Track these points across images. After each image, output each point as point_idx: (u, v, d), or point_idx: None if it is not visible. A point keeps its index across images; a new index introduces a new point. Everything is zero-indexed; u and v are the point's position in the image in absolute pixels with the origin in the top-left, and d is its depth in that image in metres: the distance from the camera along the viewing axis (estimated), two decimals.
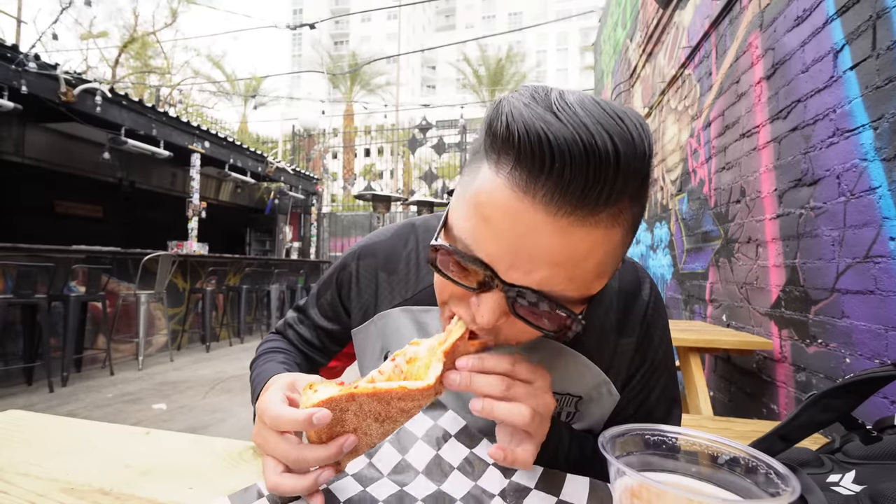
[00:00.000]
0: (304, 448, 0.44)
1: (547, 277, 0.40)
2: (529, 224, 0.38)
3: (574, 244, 0.38)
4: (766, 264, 2.32)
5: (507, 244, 0.40)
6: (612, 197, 0.37)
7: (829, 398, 0.55)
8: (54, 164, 6.91)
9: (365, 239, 0.75)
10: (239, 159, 7.92)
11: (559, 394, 0.60)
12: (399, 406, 0.44)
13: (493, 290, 0.43)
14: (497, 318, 0.43)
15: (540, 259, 0.39)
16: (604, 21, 7.68)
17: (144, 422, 3.20)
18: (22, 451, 0.57)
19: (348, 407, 0.44)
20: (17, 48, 4.54)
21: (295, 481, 0.44)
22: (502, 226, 0.39)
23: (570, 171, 0.36)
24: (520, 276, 0.41)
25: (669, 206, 3.98)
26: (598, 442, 0.38)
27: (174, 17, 15.19)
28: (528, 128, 0.37)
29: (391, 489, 0.49)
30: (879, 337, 1.54)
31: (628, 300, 0.61)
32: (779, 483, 0.34)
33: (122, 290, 5.03)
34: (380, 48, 38.16)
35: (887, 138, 1.50)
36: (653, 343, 0.62)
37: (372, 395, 0.42)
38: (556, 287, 0.41)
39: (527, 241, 0.39)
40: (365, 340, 0.71)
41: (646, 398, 0.63)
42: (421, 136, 11.23)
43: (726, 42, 2.86)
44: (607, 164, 0.36)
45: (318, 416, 0.42)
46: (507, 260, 0.40)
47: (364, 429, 0.46)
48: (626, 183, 0.37)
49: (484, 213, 0.40)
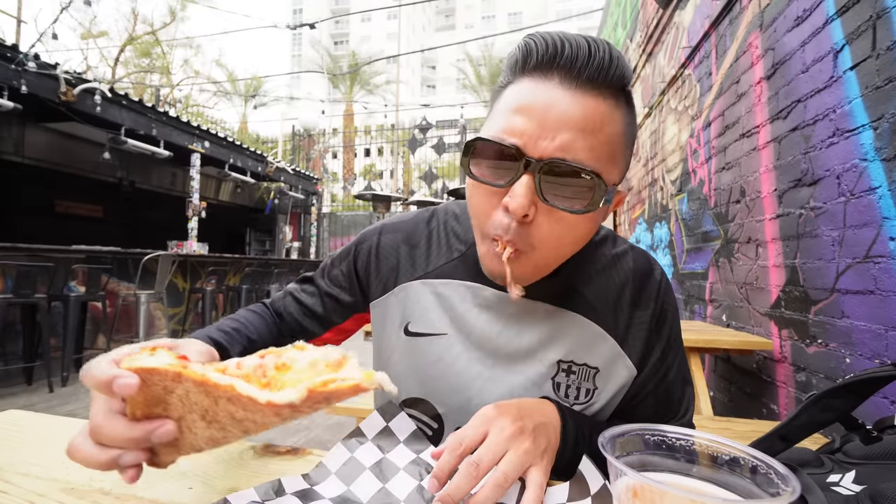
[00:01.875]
0: (109, 417, 0.37)
1: (569, 141, 0.48)
2: (551, 96, 0.48)
3: (588, 112, 0.48)
4: (765, 264, 2.32)
5: (534, 117, 0.48)
6: (609, 78, 0.48)
7: (829, 398, 0.55)
8: (54, 164, 6.91)
9: (387, 219, 0.77)
10: (239, 159, 7.92)
11: (577, 365, 0.62)
12: (228, 410, 0.34)
13: (524, 175, 0.48)
14: (529, 199, 0.48)
15: (562, 123, 0.47)
16: (604, 21, 7.68)
17: None
18: (22, 451, 0.57)
19: (174, 388, 0.35)
20: (17, 48, 4.53)
21: (91, 451, 0.37)
22: (529, 105, 0.49)
23: (578, 57, 0.48)
24: (546, 146, 0.48)
25: (669, 206, 3.98)
26: (598, 442, 0.38)
27: (174, 17, 15.19)
28: (543, 37, 0.50)
29: None
30: (879, 337, 1.54)
31: (643, 278, 0.65)
32: (779, 483, 0.34)
33: (122, 290, 5.03)
34: (380, 48, 38.17)
35: (887, 138, 1.50)
36: (667, 320, 0.65)
37: (199, 383, 0.32)
38: (579, 154, 0.48)
39: (550, 111, 0.48)
40: (384, 312, 0.70)
41: (664, 376, 0.65)
42: (421, 136, 11.24)
43: (726, 42, 2.86)
44: (605, 54, 0.48)
45: (119, 382, 0.34)
46: (534, 132, 0.48)
47: (189, 423, 0.37)
48: (618, 72, 0.49)
49: (513, 106, 0.50)
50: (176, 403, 0.36)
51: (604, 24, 7.73)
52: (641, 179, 5.06)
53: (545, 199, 0.49)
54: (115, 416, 0.38)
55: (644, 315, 0.63)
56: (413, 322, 0.67)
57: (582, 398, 0.63)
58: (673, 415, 0.66)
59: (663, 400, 0.65)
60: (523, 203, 0.48)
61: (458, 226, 0.70)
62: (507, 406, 0.51)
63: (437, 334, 0.66)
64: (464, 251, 0.68)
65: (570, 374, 0.62)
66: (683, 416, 0.66)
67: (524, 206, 0.48)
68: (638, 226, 5.24)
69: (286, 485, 0.48)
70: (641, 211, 5.07)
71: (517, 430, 0.48)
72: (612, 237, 0.69)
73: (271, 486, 0.47)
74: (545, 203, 0.49)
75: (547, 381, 0.63)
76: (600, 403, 0.63)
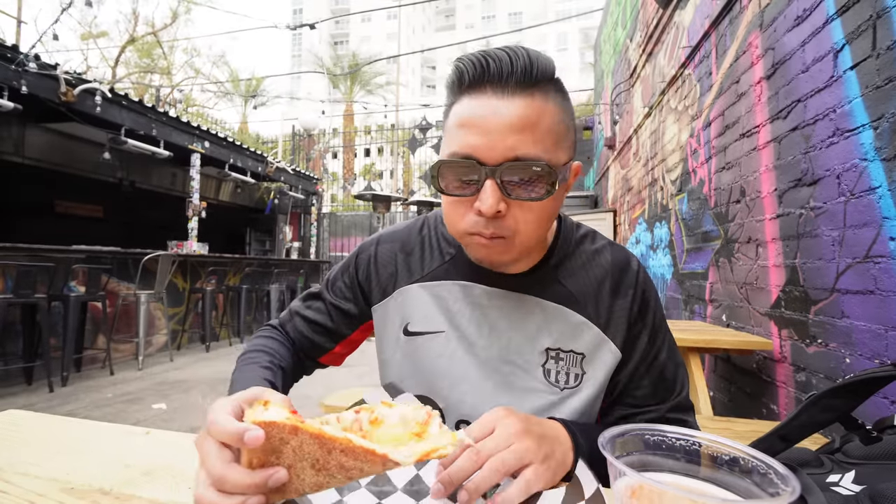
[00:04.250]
0: (230, 467, 0.41)
1: (517, 143, 0.54)
2: (488, 108, 0.55)
3: (523, 110, 0.54)
4: (766, 264, 2.32)
5: (480, 129, 0.54)
6: (533, 78, 0.55)
7: (829, 398, 0.55)
8: (54, 164, 6.90)
9: (382, 230, 0.83)
10: (239, 159, 7.91)
11: (564, 351, 0.67)
12: (339, 460, 0.39)
13: (487, 181, 0.55)
14: (497, 201, 0.54)
15: (504, 128, 0.54)
16: (604, 21, 7.68)
17: (144, 422, 3.20)
18: (22, 451, 0.57)
19: (289, 440, 0.40)
20: (17, 48, 4.53)
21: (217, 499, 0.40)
22: (472, 120, 0.55)
23: (502, 69, 0.55)
24: (496, 152, 0.54)
25: (669, 206, 3.98)
26: (598, 442, 0.39)
27: (175, 17, 15.19)
28: (469, 58, 0.57)
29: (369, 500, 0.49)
30: (879, 337, 1.54)
31: (621, 270, 0.70)
32: (779, 483, 0.34)
33: (122, 290, 5.03)
34: (380, 48, 38.15)
35: (887, 138, 1.50)
36: (650, 307, 0.70)
37: (315, 436, 0.38)
38: (529, 150, 0.54)
39: (491, 120, 0.54)
40: (385, 316, 0.75)
41: (655, 358, 0.69)
42: (421, 136, 11.23)
43: (726, 42, 2.86)
44: (524, 59, 0.55)
45: (249, 435, 0.39)
46: (484, 142, 0.54)
47: (298, 471, 0.41)
48: (539, 70, 0.55)
49: (458, 123, 0.57)
50: (288, 453, 0.41)
51: (604, 24, 7.73)
52: (641, 179, 5.06)
53: (509, 195, 0.55)
54: (233, 466, 0.41)
55: (624, 303, 0.68)
56: (412, 322, 0.73)
57: (571, 382, 0.67)
58: (669, 393, 0.69)
59: (658, 380, 0.69)
60: (492, 203, 0.54)
61: (447, 230, 0.75)
62: (517, 412, 0.54)
63: (435, 332, 0.71)
64: (454, 254, 0.74)
65: (559, 361, 0.67)
66: (680, 393, 0.69)
67: (493, 206, 0.54)
68: (638, 226, 5.24)
69: None
70: (641, 211, 5.06)
71: (522, 429, 0.50)
72: (591, 234, 0.74)
73: None
74: (510, 198, 0.56)
75: (538, 368, 0.67)
76: (590, 388, 0.67)
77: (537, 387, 0.67)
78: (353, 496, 0.49)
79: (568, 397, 0.67)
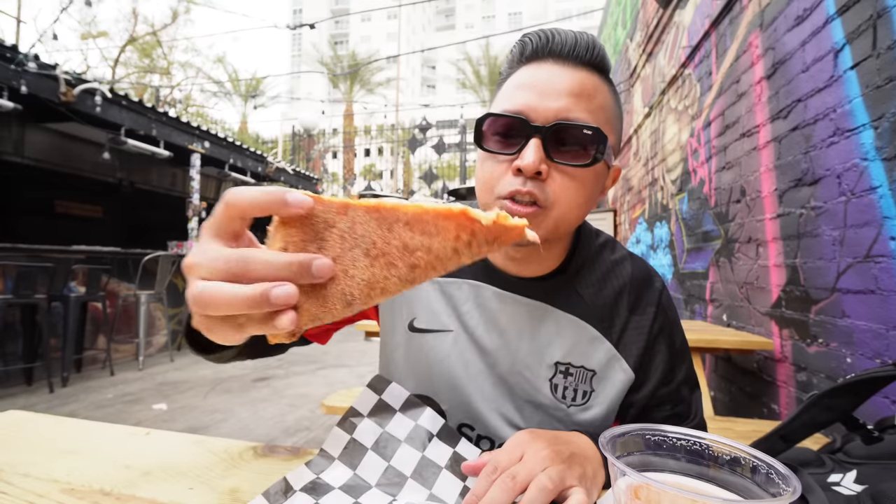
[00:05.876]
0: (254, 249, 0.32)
1: (569, 105, 0.54)
2: (548, 72, 0.56)
3: (581, 80, 0.56)
4: (766, 264, 2.32)
5: (534, 90, 0.55)
6: (594, 58, 0.57)
7: (829, 398, 0.55)
8: (54, 164, 6.91)
9: None
10: (239, 159, 7.91)
11: (575, 367, 0.64)
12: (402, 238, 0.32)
13: (532, 138, 0.54)
14: (539, 157, 0.53)
15: (560, 91, 0.55)
16: (604, 21, 7.68)
17: (145, 422, 3.20)
18: (22, 451, 0.57)
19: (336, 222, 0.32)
20: (17, 48, 4.53)
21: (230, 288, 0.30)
22: (529, 82, 0.56)
23: (566, 42, 0.56)
24: (548, 111, 0.54)
25: (669, 206, 3.98)
26: (599, 442, 0.38)
27: (175, 17, 15.20)
28: (536, 32, 0.58)
29: (382, 500, 0.47)
30: (880, 337, 1.54)
31: (641, 285, 0.67)
32: (780, 483, 0.34)
33: (122, 291, 5.03)
34: (380, 48, 38.15)
35: (888, 138, 1.50)
36: (671, 330, 0.67)
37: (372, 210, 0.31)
38: (578, 114, 0.54)
39: (549, 84, 0.55)
40: (392, 310, 0.72)
41: (674, 385, 0.66)
42: (421, 136, 11.23)
43: (726, 42, 2.86)
44: (588, 39, 0.57)
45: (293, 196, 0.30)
46: (537, 101, 0.54)
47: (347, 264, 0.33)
48: (599, 54, 0.57)
49: (516, 83, 0.57)
50: (335, 241, 0.32)
51: (604, 24, 7.72)
52: (641, 179, 5.06)
53: (552, 158, 0.54)
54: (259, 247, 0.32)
55: (643, 321, 0.65)
56: (418, 318, 0.69)
57: (579, 400, 0.64)
58: (685, 417, 0.67)
59: (677, 405, 0.67)
60: (535, 160, 0.53)
61: None
62: (543, 432, 0.52)
63: (443, 331, 0.68)
64: None
65: (568, 376, 0.64)
66: (695, 418, 0.67)
67: (536, 163, 0.53)
68: (638, 226, 5.24)
69: (292, 481, 0.47)
70: (641, 211, 5.06)
71: (553, 452, 0.47)
72: (611, 243, 0.71)
73: (280, 486, 0.46)
74: (553, 161, 0.54)
75: (545, 382, 0.64)
76: (599, 407, 0.64)
77: (542, 401, 0.64)
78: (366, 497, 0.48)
79: (574, 414, 0.64)
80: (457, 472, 0.51)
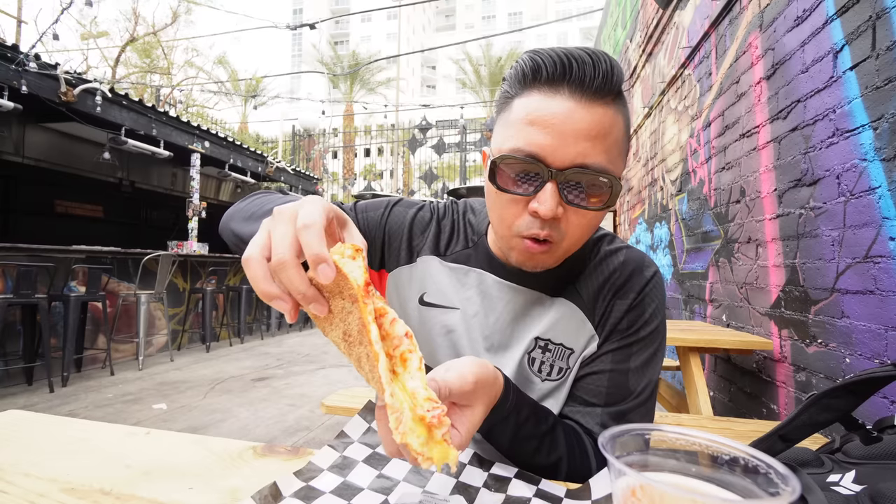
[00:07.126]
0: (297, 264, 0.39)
1: (586, 149, 0.53)
2: (564, 109, 0.53)
3: (598, 118, 0.53)
4: (765, 264, 2.32)
5: (551, 130, 0.53)
6: (612, 87, 0.54)
7: (829, 398, 0.55)
8: (54, 164, 6.91)
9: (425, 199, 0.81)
10: (239, 159, 7.92)
11: (554, 343, 0.67)
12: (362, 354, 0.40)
13: (548, 183, 0.53)
14: (556, 204, 0.53)
15: (578, 134, 0.52)
16: (604, 21, 7.68)
17: (145, 422, 3.20)
18: (22, 451, 0.57)
19: (343, 299, 0.39)
20: (17, 48, 4.53)
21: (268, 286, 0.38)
22: (544, 118, 0.53)
23: (585, 72, 0.52)
24: (565, 156, 0.53)
25: (669, 206, 3.98)
26: (599, 442, 0.39)
27: (175, 17, 15.20)
28: (549, 54, 0.54)
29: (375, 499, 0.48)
30: (879, 337, 1.54)
31: (632, 272, 0.68)
32: (779, 483, 0.34)
33: (122, 290, 5.03)
34: (380, 48, 38.15)
35: (887, 138, 1.50)
36: (644, 314, 0.66)
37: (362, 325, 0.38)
38: (595, 159, 0.53)
39: (566, 124, 0.52)
40: (405, 281, 0.74)
41: (626, 361, 0.65)
42: (421, 136, 11.24)
43: (726, 42, 2.86)
44: (606, 65, 0.53)
45: (323, 268, 0.36)
46: (553, 144, 0.53)
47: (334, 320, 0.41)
48: (618, 79, 0.54)
49: (529, 119, 0.54)
50: (337, 305, 0.40)
51: (604, 24, 7.73)
52: (641, 179, 5.06)
53: (569, 201, 0.55)
54: (300, 266, 0.38)
55: (623, 304, 0.67)
56: (428, 293, 0.73)
57: (554, 375, 0.67)
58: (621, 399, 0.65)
59: (617, 384, 0.65)
60: (552, 207, 0.53)
61: (474, 219, 0.77)
62: None
63: (450, 307, 0.71)
64: (476, 241, 0.74)
65: (546, 352, 0.67)
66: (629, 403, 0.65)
67: (553, 210, 0.53)
68: (638, 226, 5.24)
69: (283, 487, 0.47)
70: (641, 211, 5.07)
71: None
72: (609, 236, 0.73)
73: (268, 490, 0.46)
74: (569, 205, 0.55)
75: (523, 355, 0.67)
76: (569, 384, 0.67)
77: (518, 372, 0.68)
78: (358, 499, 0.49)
79: (550, 389, 0.67)
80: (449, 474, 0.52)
